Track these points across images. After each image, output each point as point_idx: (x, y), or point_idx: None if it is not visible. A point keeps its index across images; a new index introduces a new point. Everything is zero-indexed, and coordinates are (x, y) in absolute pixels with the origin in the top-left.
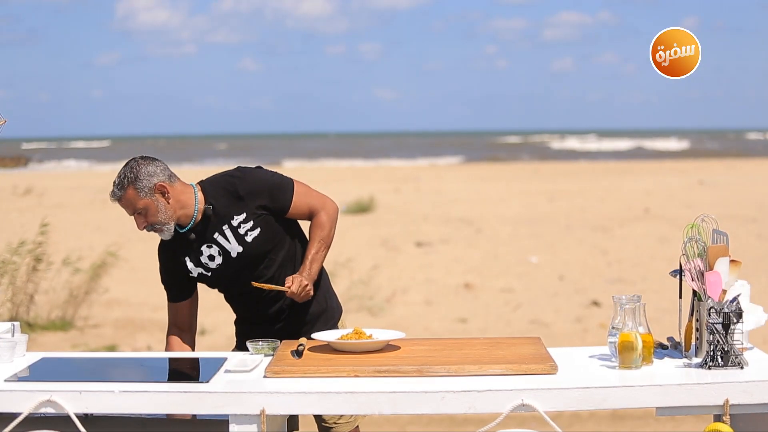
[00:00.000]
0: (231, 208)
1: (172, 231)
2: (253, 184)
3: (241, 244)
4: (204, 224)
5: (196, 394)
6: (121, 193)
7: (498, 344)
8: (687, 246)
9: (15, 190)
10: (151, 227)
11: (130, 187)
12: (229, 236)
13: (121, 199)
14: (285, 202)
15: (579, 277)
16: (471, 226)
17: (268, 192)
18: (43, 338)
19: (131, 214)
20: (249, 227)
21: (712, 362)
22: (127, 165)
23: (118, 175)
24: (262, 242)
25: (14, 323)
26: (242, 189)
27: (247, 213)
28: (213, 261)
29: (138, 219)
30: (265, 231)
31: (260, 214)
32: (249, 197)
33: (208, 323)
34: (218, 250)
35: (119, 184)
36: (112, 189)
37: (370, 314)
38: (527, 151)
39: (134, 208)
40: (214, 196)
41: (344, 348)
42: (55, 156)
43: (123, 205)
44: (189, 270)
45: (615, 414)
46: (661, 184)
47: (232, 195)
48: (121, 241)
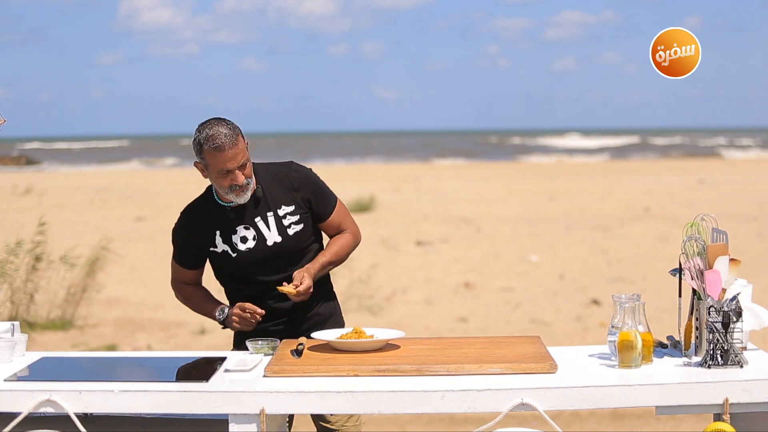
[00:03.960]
0: (282, 197)
1: (249, 196)
2: (306, 180)
3: (281, 235)
4: (247, 205)
5: (195, 393)
6: (236, 139)
7: (498, 343)
8: (687, 245)
9: (15, 190)
10: (242, 186)
11: (240, 135)
12: (271, 224)
13: (236, 144)
14: (327, 210)
15: (579, 276)
16: (471, 225)
17: (317, 193)
18: (42, 338)
19: (233, 167)
20: (294, 220)
21: (711, 361)
22: (220, 120)
23: (217, 126)
24: (300, 239)
25: (14, 323)
26: (296, 182)
27: (295, 206)
28: (244, 243)
29: (238, 174)
30: (306, 229)
31: (306, 211)
32: (301, 191)
33: (208, 323)
34: (254, 234)
35: (231, 130)
36: (222, 135)
37: (370, 313)
38: (528, 150)
39: (244, 156)
40: (266, 182)
41: (344, 347)
42: (56, 156)
43: (233, 152)
44: (214, 244)
45: (615, 413)
46: (661, 183)
47: (285, 185)
48: (120, 240)
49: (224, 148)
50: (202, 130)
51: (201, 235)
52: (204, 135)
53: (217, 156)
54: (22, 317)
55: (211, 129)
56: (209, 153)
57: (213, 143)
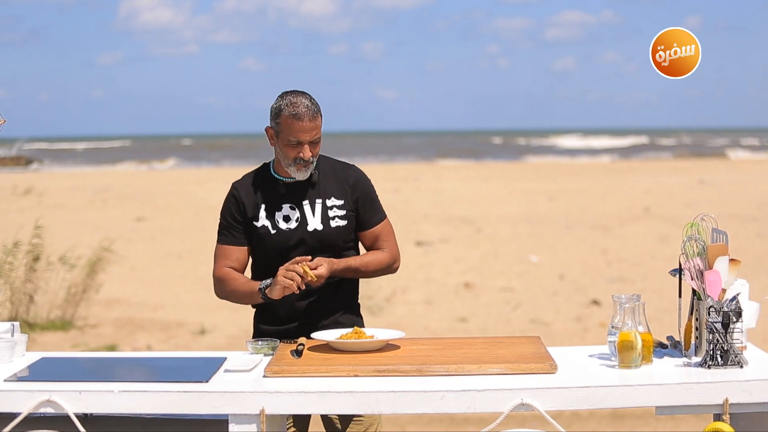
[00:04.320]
0: (334, 189)
1: (308, 175)
2: (362, 182)
3: (324, 224)
4: (299, 186)
5: (195, 393)
6: (316, 114)
7: (498, 343)
8: (686, 245)
9: (15, 190)
10: (307, 161)
11: (320, 114)
12: (317, 211)
13: (314, 119)
14: (371, 219)
15: (579, 276)
16: (471, 225)
17: (367, 199)
18: (42, 338)
19: (305, 140)
20: (340, 215)
21: (711, 361)
22: (305, 93)
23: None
24: (340, 234)
25: (14, 323)
26: (352, 180)
27: (344, 202)
28: (286, 222)
29: (307, 148)
30: (348, 228)
31: (353, 211)
32: (353, 191)
33: (208, 323)
34: (298, 216)
35: (314, 105)
36: (304, 106)
37: (370, 314)
38: (528, 150)
39: (318, 133)
40: (324, 171)
41: (344, 347)
42: (56, 156)
43: (311, 125)
44: (257, 217)
45: (615, 413)
46: (661, 183)
47: (340, 179)
48: (121, 240)
49: (303, 118)
50: (285, 96)
51: (249, 204)
52: (286, 101)
53: (294, 124)
54: (22, 317)
55: (295, 97)
56: (286, 119)
57: (294, 110)
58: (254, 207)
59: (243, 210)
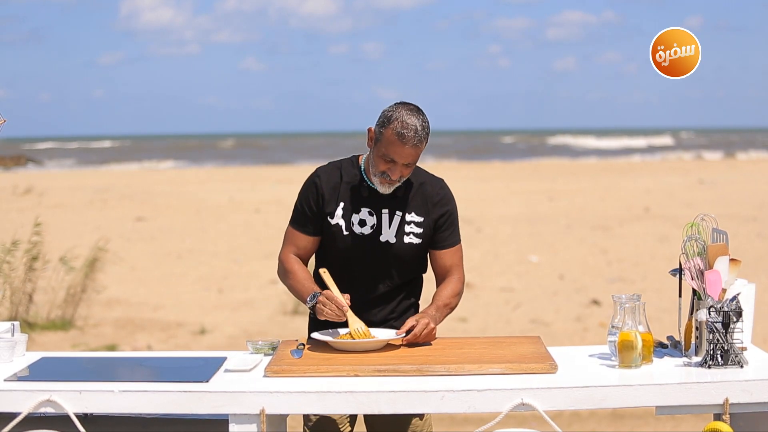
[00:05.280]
0: (418, 205)
1: (390, 192)
2: (448, 202)
3: (397, 238)
4: (384, 194)
5: (195, 393)
6: (421, 142)
7: (498, 343)
8: (687, 245)
9: (15, 190)
10: (392, 180)
11: (425, 141)
12: (394, 222)
13: (417, 146)
14: (446, 241)
15: (579, 276)
16: (471, 225)
17: (448, 221)
18: (42, 338)
19: (399, 162)
20: (416, 232)
21: (711, 361)
22: (420, 113)
23: (414, 118)
24: (411, 252)
25: (14, 323)
26: (437, 197)
27: (424, 220)
28: (361, 227)
29: (398, 169)
30: (420, 248)
31: (430, 233)
32: (437, 209)
33: (208, 323)
34: (374, 222)
35: (423, 131)
36: (413, 130)
37: None
38: (528, 150)
39: (415, 159)
40: (414, 184)
41: (344, 347)
42: (56, 156)
43: (410, 151)
44: (333, 214)
45: (615, 413)
46: (661, 183)
47: (427, 195)
48: (121, 241)
49: (407, 143)
50: (400, 110)
51: (328, 197)
52: (399, 117)
53: (395, 143)
54: (22, 317)
55: (409, 117)
56: (391, 135)
57: (401, 130)
58: (333, 202)
59: (321, 202)
